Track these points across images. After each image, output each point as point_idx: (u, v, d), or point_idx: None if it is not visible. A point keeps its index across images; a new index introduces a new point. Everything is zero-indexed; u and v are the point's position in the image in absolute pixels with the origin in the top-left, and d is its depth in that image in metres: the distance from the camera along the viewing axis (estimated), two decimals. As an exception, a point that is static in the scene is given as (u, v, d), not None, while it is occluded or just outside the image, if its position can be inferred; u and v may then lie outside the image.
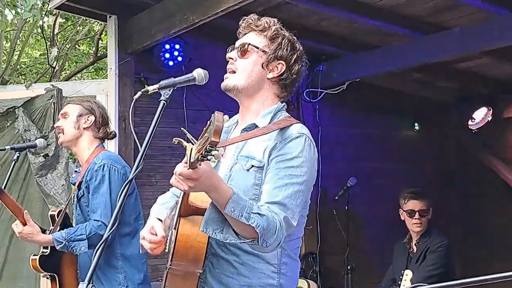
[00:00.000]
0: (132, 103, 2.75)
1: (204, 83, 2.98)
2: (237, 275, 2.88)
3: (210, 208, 2.67)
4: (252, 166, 2.90)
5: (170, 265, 2.76)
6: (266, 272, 2.90)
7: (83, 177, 4.55)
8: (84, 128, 4.71)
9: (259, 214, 2.63)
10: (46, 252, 4.61)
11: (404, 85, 8.64)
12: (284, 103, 3.12)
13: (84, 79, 11.27)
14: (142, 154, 2.64)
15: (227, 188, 2.63)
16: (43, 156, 6.44)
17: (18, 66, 11.97)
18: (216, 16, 5.72)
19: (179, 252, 2.72)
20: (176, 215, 2.82)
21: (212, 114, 2.32)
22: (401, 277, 5.97)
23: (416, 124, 9.35)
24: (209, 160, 2.39)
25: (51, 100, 6.71)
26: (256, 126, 3.01)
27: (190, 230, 2.73)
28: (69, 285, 4.65)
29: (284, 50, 3.07)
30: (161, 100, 2.79)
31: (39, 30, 11.71)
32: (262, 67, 3.06)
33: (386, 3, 6.29)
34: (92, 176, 4.50)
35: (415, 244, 6.12)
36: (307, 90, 8.29)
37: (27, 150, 5.63)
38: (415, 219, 6.07)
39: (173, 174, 2.56)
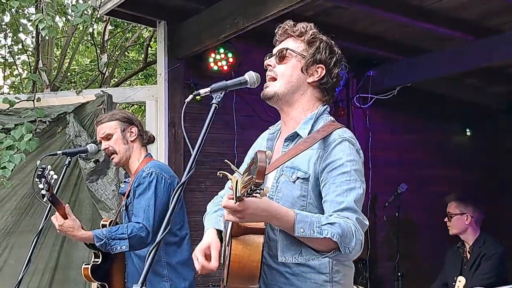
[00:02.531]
0: (184, 106, 2.72)
1: (256, 86, 2.96)
2: (289, 286, 2.87)
3: (280, 235, 2.69)
4: (298, 178, 2.87)
5: (227, 284, 2.75)
6: (318, 281, 2.87)
7: (131, 185, 4.59)
8: (131, 141, 4.75)
9: (329, 224, 2.61)
10: (98, 261, 4.62)
11: (456, 90, 8.54)
12: (326, 106, 3.08)
13: (133, 86, 11.32)
14: (195, 157, 2.61)
15: (287, 211, 2.62)
16: (93, 161, 6.47)
17: (68, 73, 12.08)
18: (266, 20, 5.67)
19: (234, 272, 2.71)
20: (228, 234, 2.80)
21: (255, 153, 2.29)
22: (454, 283, 5.88)
23: (468, 130, 9.22)
24: (257, 196, 2.37)
25: (101, 106, 6.74)
26: (298, 135, 2.98)
27: (242, 251, 2.70)
28: None
29: (323, 53, 3.05)
30: (213, 103, 2.76)
31: (89, 37, 11.83)
32: (302, 71, 3.05)
33: (439, 6, 6.20)
34: (139, 182, 4.53)
35: (468, 252, 6.04)
36: (358, 95, 8.22)
37: (78, 155, 5.64)
38: (446, 221, 6.21)
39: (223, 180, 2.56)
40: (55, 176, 4.37)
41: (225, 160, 2.78)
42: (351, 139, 2.88)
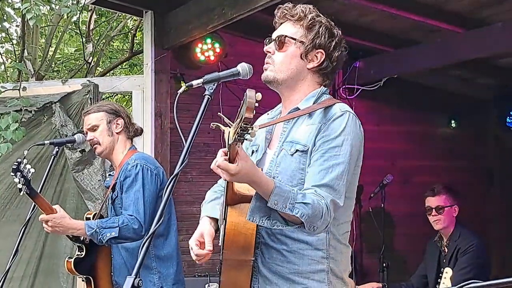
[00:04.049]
0: (177, 98, 2.70)
1: (248, 77, 2.93)
2: (286, 263, 2.90)
3: (255, 197, 2.69)
4: (297, 150, 2.89)
5: (223, 256, 2.80)
6: (315, 258, 2.90)
7: (117, 178, 4.60)
8: (117, 133, 4.75)
9: (303, 203, 2.66)
10: (82, 254, 4.65)
11: (443, 82, 8.54)
12: (326, 88, 3.09)
13: (118, 75, 11.27)
14: (187, 149, 2.60)
15: (269, 181, 2.67)
16: (79, 151, 6.44)
17: (53, 63, 12.01)
18: (255, 11, 5.66)
19: (229, 240, 2.75)
20: (224, 204, 2.85)
21: (245, 93, 2.35)
22: (440, 274, 5.86)
23: (454, 121, 9.23)
24: (247, 139, 2.40)
25: (87, 96, 6.71)
26: (298, 109, 3.00)
27: (238, 218, 2.76)
28: (104, 285, 4.68)
29: (322, 38, 3.02)
30: (205, 94, 2.76)
31: (73, 26, 11.75)
32: (301, 57, 3.03)
33: (428, -3, 6.21)
34: (125, 175, 4.54)
35: (445, 245, 6.02)
36: (344, 86, 8.21)
37: (64, 145, 5.61)
38: (432, 216, 6.01)
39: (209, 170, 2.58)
40: (32, 170, 4.39)
41: (218, 113, 2.83)
42: (352, 113, 2.90)
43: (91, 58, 10.43)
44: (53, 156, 4.75)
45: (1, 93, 6.81)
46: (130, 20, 11.45)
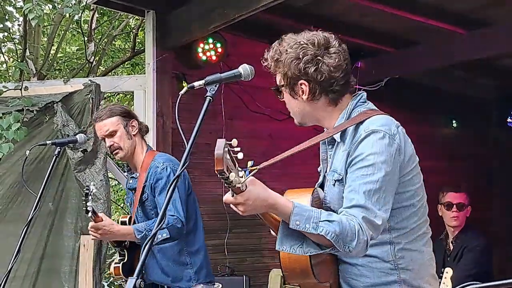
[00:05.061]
0: (179, 98, 2.72)
1: (250, 79, 2.92)
2: (360, 277, 2.90)
3: (282, 226, 2.64)
4: (335, 181, 2.85)
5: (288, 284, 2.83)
6: (384, 270, 2.87)
7: (146, 181, 4.67)
8: (133, 135, 4.81)
9: (328, 221, 2.57)
10: (124, 259, 4.76)
11: (444, 82, 8.54)
12: (359, 95, 2.97)
13: (119, 75, 11.27)
14: (189, 150, 2.61)
15: (287, 202, 2.60)
16: (81, 151, 6.44)
17: (55, 62, 12.00)
18: (256, 11, 5.67)
19: (286, 268, 2.76)
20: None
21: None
22: (441, 274, 5.88)
23: (455, 122, 9.24)
24: (235, 186, 2.39)
25: (89, 96, 6.70)
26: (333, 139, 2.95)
27: None
28: None
29: (288, 68, 2.87)
30: (207, 96, 2.77)
31: (75, 25, 11.74)
32: (294, 98, 2.94)
33: (430, -3, 6.22)
34: (157, 178, 4.63)
35: (451, 242, 6.03)
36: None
37: (66, 145, 5.62)
38: (453, 211, 5.97)
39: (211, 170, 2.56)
40: (94, 190, 4.50)
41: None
42: (378, 129, 2.75)
43: (93, 57, 10.43)
44: (55, 156, 4.74)
45: (3, 92, 6.81)
46: (132, 20, 11.44)
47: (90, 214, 4.37)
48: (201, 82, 2.77)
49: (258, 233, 7.99)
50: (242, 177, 2.39)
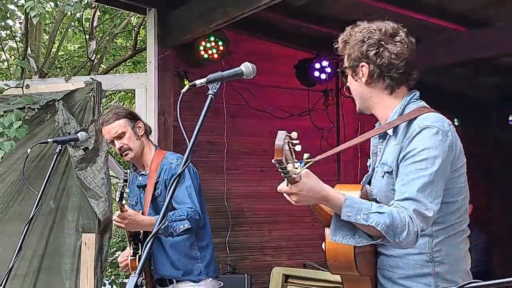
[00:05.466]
0: (180, 97, 2.73)
1: (252, 77, 2.95)
2: (396, 268, 2.95)
3: (334, 217, 2.71)
4: (385, 172, 2.92)
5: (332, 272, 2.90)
6: (419, 262, 2.93)
7: (159, 177, 4.77)
8: (141, 136, 4.91)
9: (378, 212, 2.64)
10: (139, 252, 4.78)
11: (445, 81, 8.54)
12: (413, 93, 3.04)
13: (120, 73, 11.27)
14: (190, 149, 2.62)
15: (339, 194, 2.68)
16: (82, 149, 6.43)
17: (56, 60, 12.00)
18: (258, 10, 5.66)
19: (330, 259, 2.84)
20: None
21: None
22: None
23: (456, 120, 9.22)
24: (290, 176, 2.46)
25: (90, 94, 6.68)
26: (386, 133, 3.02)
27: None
28: (148, 281, 4.83)
29: (353, 50, 2.99)
30: (209, 94, 2.80)
31: (77, 23, 11.75)
32: (354, 79, 3.03)
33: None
34: (172, 174, 4.70)
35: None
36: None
37: (68, 143, 5.62)
38: None
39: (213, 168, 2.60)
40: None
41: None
42: (432, 125, 2.83)
43: (94, 55, 10.43)
44: (56, 154, 4.76)
45: (4, 90, 6.81)
46: (134, 17, 11.44)
47: (124, 201, 4.43)
48: (203, 80, 2.80)
49: (259, 231, 8.00)
50: (297, 168, 2.45)
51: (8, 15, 9.35)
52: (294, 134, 2.42)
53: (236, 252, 7.78)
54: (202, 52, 7.12)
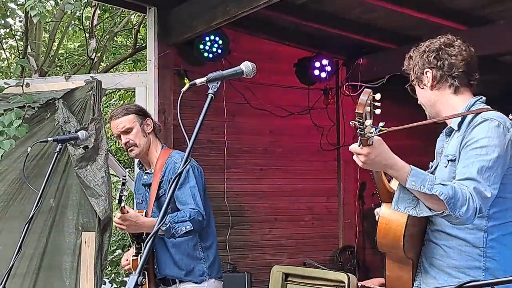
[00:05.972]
0: (180, 95, 2.72)
1: (252, 76, 2.95)
2: (445, 258, 3.08)
3: (399, 188, 2.85)
4: (448, 161, 3.07)
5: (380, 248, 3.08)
6: (472, 255, 3.03)
7: (163, 176, 4.73)
8: (149, 133, 4.87)
9: (442, 184, 2.76)
10: (142, 252, 4.74)
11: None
12: (479, 97, 3.25)
13: (121, 71, 11.27)
14: (191, 148, 2.61)
15: (404, 164, 2.84)
16: (83, 148, 6.43)
17: (56, 58, 12.00)
18: (259, 8, 5.66)
19: (380, 234, 3.03)
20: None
21: None
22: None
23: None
24: (364, 135, 2.61)
25: (90, 92, 6.68)
26: (452, 128, 3.22)
27: (390, 215, 3.02)
28: (151, 280, 4.83)
29: (417, 62, 3.31)
30: (209, 93, 2.79)
31: (77, 22, 11.75)
32: (420, 88, 3.29)
33: (432, -6, 6.21)
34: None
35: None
36: (347, 83, 8.22)
37: (68, 142, 5.61)
38: None
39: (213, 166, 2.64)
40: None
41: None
42: (493, 118, 3.01)
43: (94, 54, 10.42)
44: (56, 153, 4.75)
45: (4, 89, 6.80)
46: (134, 16, 11.44)
47: (123, 204, 4.40)
48: (203, 79, 2.79)
49: (260, 229, 8.00)
50: (372, 132, 2.60)
51: (8, 13, 9.35)
52: (378, 96, 2.58)
53: (236, 250, 7.78)
54: (202, 51, 7.12)
